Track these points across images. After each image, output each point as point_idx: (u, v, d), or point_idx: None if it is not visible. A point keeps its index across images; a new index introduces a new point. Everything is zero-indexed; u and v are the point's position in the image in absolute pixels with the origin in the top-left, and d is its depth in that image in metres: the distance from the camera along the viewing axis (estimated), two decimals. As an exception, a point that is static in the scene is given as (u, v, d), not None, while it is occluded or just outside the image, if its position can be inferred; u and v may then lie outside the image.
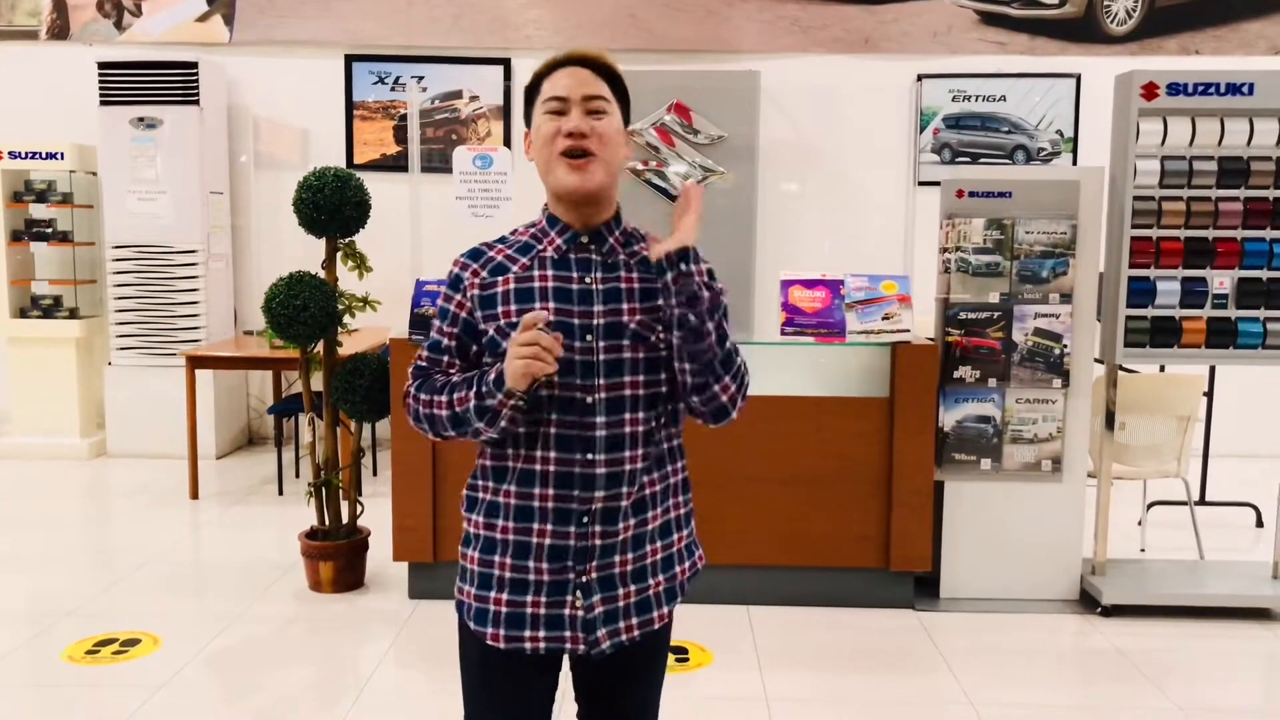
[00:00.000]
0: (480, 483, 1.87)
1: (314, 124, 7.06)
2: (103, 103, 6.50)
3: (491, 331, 1.79)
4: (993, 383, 4.18)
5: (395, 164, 6.94)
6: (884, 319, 4.13)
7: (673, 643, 3.91)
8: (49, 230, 6.66)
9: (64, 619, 4.03)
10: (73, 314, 6.68)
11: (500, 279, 1.81)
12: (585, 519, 1.78)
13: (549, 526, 1.78)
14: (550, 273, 1.80)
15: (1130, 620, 4.08)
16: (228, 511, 5.56)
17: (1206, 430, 5.40)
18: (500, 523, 1.81)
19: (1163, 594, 4.17)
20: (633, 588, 1.84)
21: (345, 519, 4.43)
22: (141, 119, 6.51)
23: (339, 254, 4.34)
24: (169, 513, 5.51)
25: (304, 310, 4.13)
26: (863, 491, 4.15)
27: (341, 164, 6.86)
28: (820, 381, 4.28)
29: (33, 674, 3.60)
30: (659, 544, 1.88)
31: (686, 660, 3.71)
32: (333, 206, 4.17)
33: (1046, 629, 4.05)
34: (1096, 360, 4.25)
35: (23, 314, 6.67)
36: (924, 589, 4.28)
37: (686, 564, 1.95)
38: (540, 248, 1.83)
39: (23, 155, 6.55)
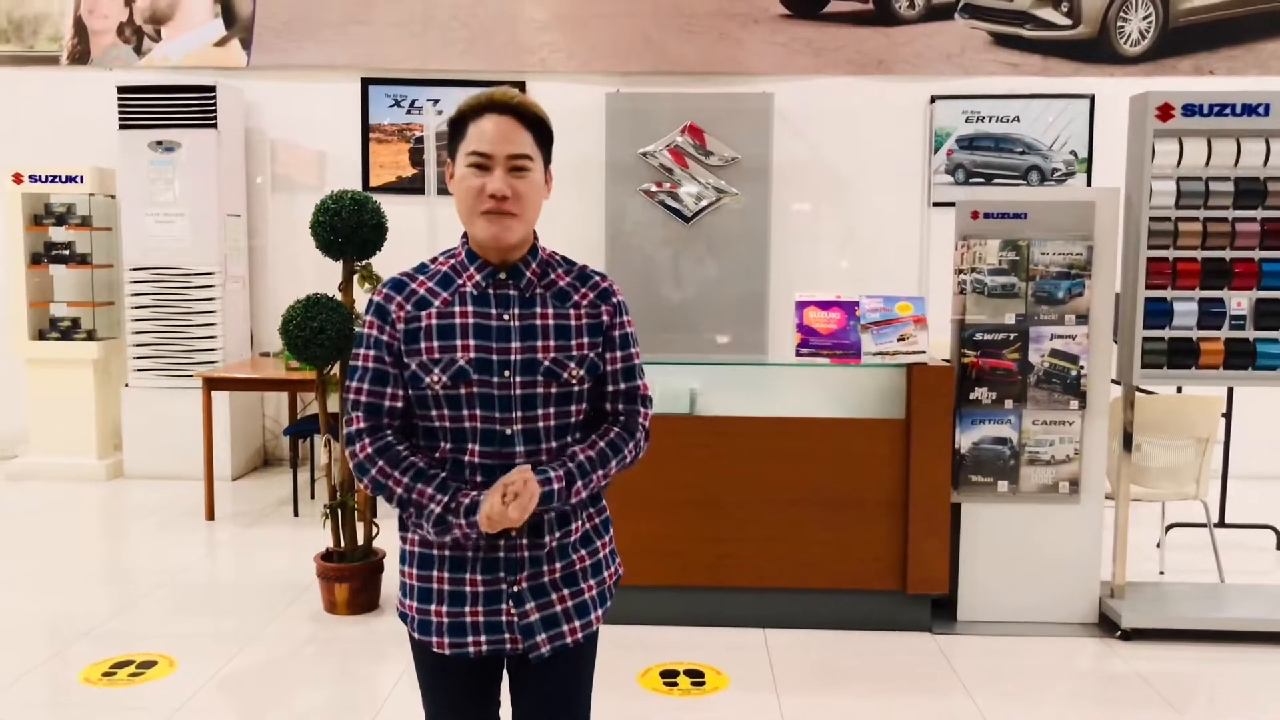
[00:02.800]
0: None
1: (330, 147, 7.11)
2: (122, 126, 6.56)
3: (414, 366, 1.88)
4: (1009, 404, 4.16)
5: (411, 186, 6.98)
6: (899, 340, 4.13)
7: (688, 665, 3.91)
8: (68, 253, 6.71)
9: (81, 640, 4.04)
10: (90, 336, 6.72)
11: (424, 313, 1.90)
12: (514, 533, 1.89)
13: (482, 541, 1.89)
14: (471, 309, 1.89)
15: (1150, 644, 4.04)
16: (243, 533, 5.57)
17: (1225, 451, 5.36)
18: (436, 539, 1.91)
19: (1183, 617, 4.13)
20: (566, 592, 1.95)
21: (361, 540, 4.44)
22: (160, 142, 6.57)
23: (356, 276, 4.37)
24: (185, 534, 5.52)
25: (321, 332, 4.16)
26: (879, 514, 4.13)
27: (358, 186, 6.91)
28: (836, 403, 4.27)
29: (50, 696, 3.60)
30: (584, 551, 1.99)
31: (703, 684, 3.69)
32: (350, 229, 4.20)
33: (1065, 653, 4.02)
34: (1114, 381, 4.23)
35: (41, 336, 6.72)
36: (941, 612, 4.26)
37: (612, 569, 2.07)
38: (460, 282, 1.92)
39: (43, 179, 6.61)
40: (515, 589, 1.90)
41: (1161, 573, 4.90)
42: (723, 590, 4.20)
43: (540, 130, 1.90)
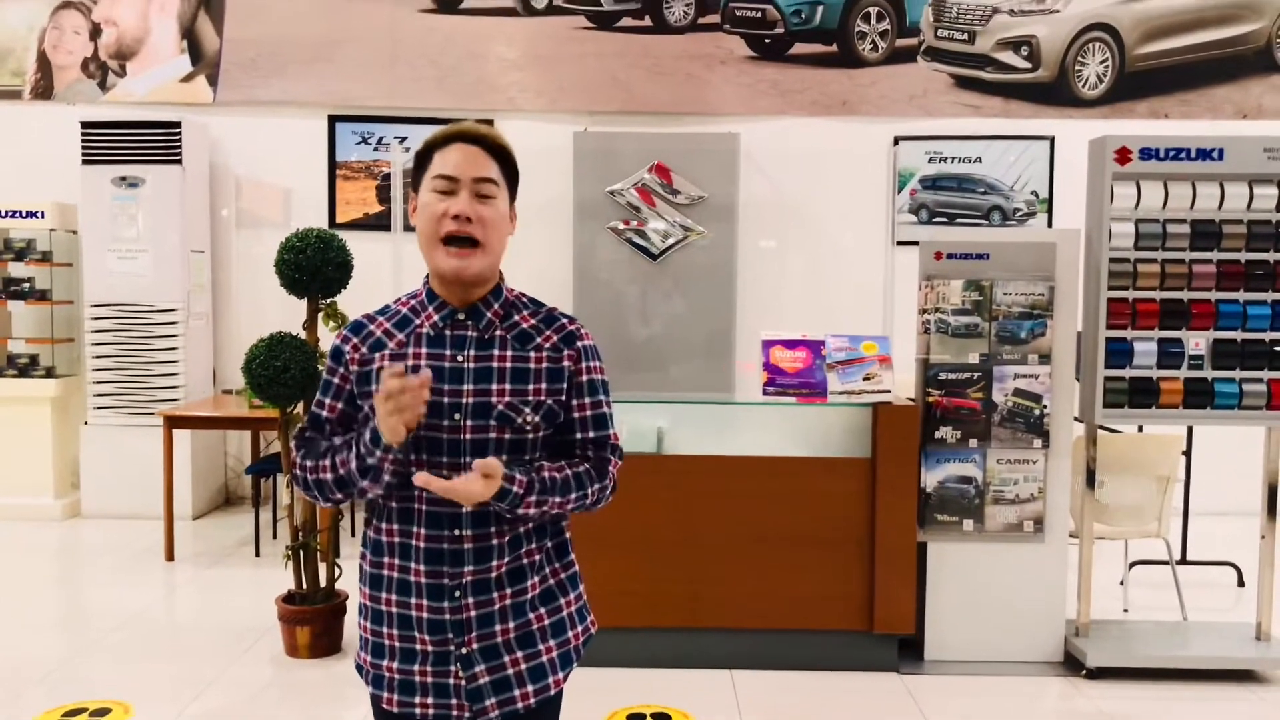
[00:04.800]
0: (367, 554, 1.91)
1: (297, 183, 7.08)
2: (85, 162, 6.50)
3: (366, 408, 1.85)
4: (974, 443, 4.19)
5: (377, 223, 6.96)
6: (865, 379, 4.15)
7: (655, 709, 3.87)
8: (27, 288, 6.62)
9: (33, 686, 3.94)
10: (49, 373, 6.62)
11: (377, 355, 1.86)
12: (457, 593, 1.82)
13: (425, 601, 1.83)
14: (424, 350, 1.85)
15: (1115, 683, 4.05)
16: (203, 574, 5.48)
17: (1186, 489, 5.42)
18: (384, 595, 1.87)
19: (1147, 656, 4.15)
20: (520, 654, 1.87)
21: (323, 582, 4.37)
22: (124, 178, 6.51)
23: (320, 314, 4.34)
24: (143, 575, 5.42)
25: (284, 371, 4.12)
26: (846, 553, 4.13)
27: (324, 223, 6.87)
28: (802, 442, 4.28)
29: (-1, 745, 3.51)
30: (543, 610, 1.90)
31: (669, 726, 3.66)
32: (314, 267, 4.18)
33: (1031, 692, 4.02)
34: (1076, 419, 4.27)
35: (-2, 373, 6.62)
36: (908, 651, 4.25)
37: (580, 628, 1.97)
38: (417, 323, 1.87)
39: (2, 214, 6.53)
40: (464, 651, 1.83)
41: (1126, 610, 4.92)
42: (689, 631, 4.18)
43: (506, 163, 1.87)
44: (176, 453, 5.87)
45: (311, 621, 4.25)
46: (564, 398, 1.89)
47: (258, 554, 5.78)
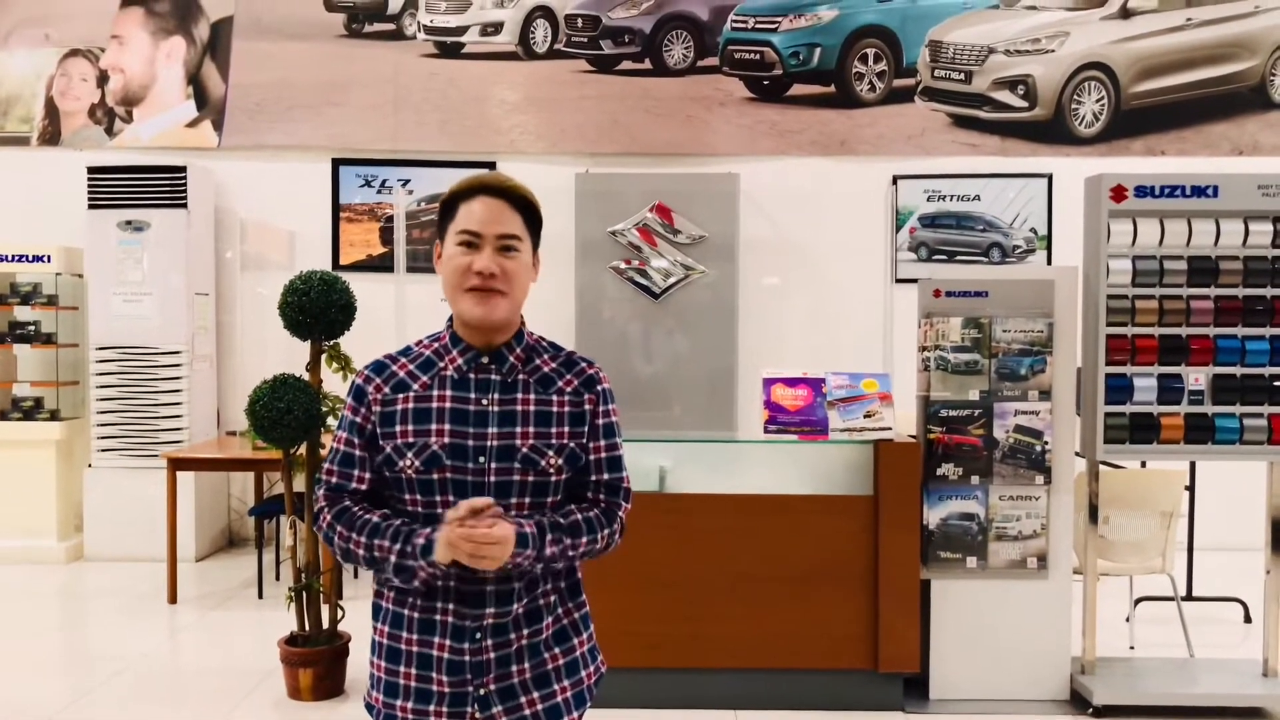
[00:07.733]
0: (386, 592, 1.92)
1: (301, 226, 7.14)
2: (91, 206, 6.57)
3: (388, 449, 1.86)
4: (976, 480, 4.19)
5: (381, 264, 7.01)
6: (866, 416, 4.16)
7: (659, 750, 3.81)
8: (32, 332, 6.66)
9: (34, 731, 3.93)
10: (54, 416, 6.64)
11: (400, 396, 1.88)
12: (478, 635, 1.85)
13: (447, 641, 1.85)
14: (449, 393, 1.88)
15: (1122, 721, 4.03)
16: (206, 616, 5.46)
17: (1190, 525, 5.40)
18: (404, 634, 1.88)
19: (1154, 693, 4.12)
20: (537, 694, 1.89)
21: (326, 624, 4.36)
22: (129, 222, 6.57)
23: (323, 356, 4.36)
24: (146, 618, 5.40)
25: (288, 413, 4.13)
26: (849, 591, 4.12)
27: (327, 264, 6.93)
28: (805, 479, 4.28)
29: (0, 791, 3.49)
30: (557, 650, 1.93)
31: (673, 768, 3.63)
32: (318, 309, 4.21)
33: (1038, 731, 3.99)
34: (1077, 454, 4.27)
35: (3, 416, 6.63)
36: (913, 690, 4.23)
37: (592, 668, 1.99)
38: (441, 366, 1.90)
39: (9, 258, 6.59)
40: (482, 692, 1.85)
41: (1132, 647, 4.89)
42: (692, 671, 4.16)
43: (530, 214, 1.92)
44: (180, 495, 5.88)
45: (314, 663, 4.24)
46: (585, 440, 1.92)
47: (261, 596, 5.77)
